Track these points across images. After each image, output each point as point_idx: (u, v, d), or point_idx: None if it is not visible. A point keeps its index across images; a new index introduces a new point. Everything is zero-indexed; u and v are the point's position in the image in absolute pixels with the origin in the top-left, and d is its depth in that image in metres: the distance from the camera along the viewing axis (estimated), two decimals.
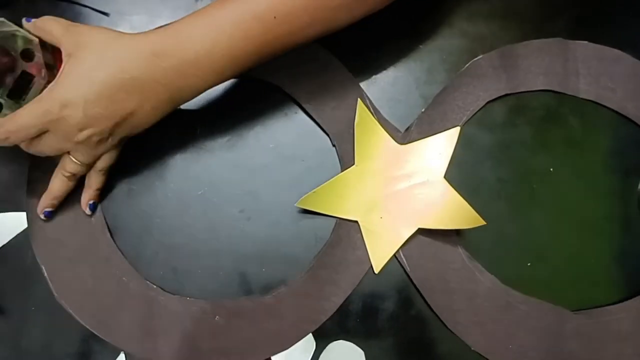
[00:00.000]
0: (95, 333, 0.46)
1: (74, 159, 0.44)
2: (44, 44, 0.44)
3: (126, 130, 0.44)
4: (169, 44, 0.41)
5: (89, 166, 0.46)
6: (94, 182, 0.47)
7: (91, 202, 0.47)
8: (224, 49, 0.41)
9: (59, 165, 0.46)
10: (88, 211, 0.47)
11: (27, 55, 0.44)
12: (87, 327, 0.46)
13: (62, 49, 0.42)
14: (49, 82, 0.44)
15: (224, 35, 0.41)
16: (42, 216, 0.47)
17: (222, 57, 0.41)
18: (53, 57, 0.45)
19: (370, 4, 0.44)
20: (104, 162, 0.46)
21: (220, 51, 0.41)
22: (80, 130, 0.42)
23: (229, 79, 0.44)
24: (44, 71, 0.44)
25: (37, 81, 0.44)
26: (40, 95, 0.41)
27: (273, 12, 0.41)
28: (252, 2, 0.41)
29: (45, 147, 0.43)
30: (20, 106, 0.43)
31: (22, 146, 0.43)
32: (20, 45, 0.43)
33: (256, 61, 0.43)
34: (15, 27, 0.43)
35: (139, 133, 0.45)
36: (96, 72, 0.41)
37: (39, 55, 0.44)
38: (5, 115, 0.43)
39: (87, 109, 0.41)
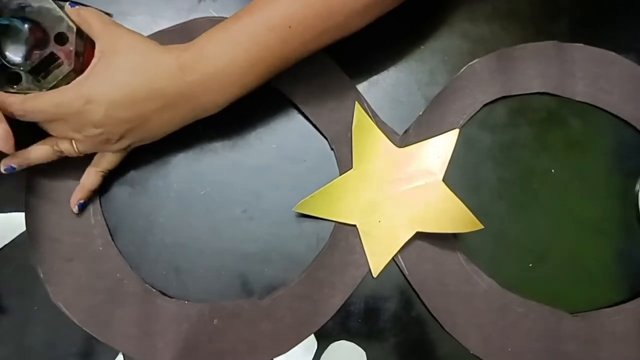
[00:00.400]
0: (92, 334, 0.46)
1: (74, 145, 0.45)
2: (80, 32, 0.44)
3: (137, 136, 0.44)
4: (192, 59, 0.42)
5: (82, 155, 0.46)
6: (90, 182, 0.47)
7: (82, 201, 0.47)
8: (242, 61, 0.42)
9: (54, 138, 0.45)
10: (76, 210, 0.47)
11: (61, 38, 0.44)
12: (84, 328, 0.46)
13: (96, 45, 0.43)
14: (73, 70, 0.44)
15: (241, 49, 0.42)
16: (2, 169, 0.45)
17: (241, 68, 0.42)
18: (85, 46, 0.45)
19: (383, 6, 0.45)
20: (106, 164, 0.46)
21: (238, 63, 0.42)
22: (94, 127, 0.42)
23: (250, 91, 0.44)
24: (72, 58, 0.44)
25: (62, 66, 0.44)
26: (67, 86, 0.42)
27: (287, 22, 0.42)
28: (266, 14, 0.42)
29: (52, 130, 0.44)
30: (38, 84, 0.44)
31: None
32: (57, 26, 0.44)
33: (275, 71, 0.44)
34: (57, 8, 0.44)
35: (148, 142, 0.46)
36: (125, 78, 0.42)
37: (71, 42, 0.44)
38: (22, 88, 0.43)
39: (109, 110, 0.42)
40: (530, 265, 0.49)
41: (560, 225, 0.50)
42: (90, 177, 0.47)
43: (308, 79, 0.50)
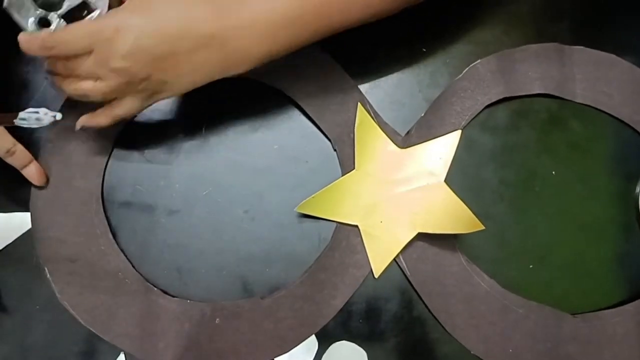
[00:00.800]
0: (96, 333, 0.46)
1: (97, 84, 0.43)
2: None
3: (162, 81, 0.43)
4: (231, 1, 0.42)
5: (100, 100, 0.44)
6: (99, 120, 0.45)
7: (85, 127, 0.46)
8: (280, 14, 0.42)
9: (76, 75, 0.43)
10: (78, 127, 0.46)
11: None
12: (89, 327, 0.46)
13: None
14: None
15: (280, 2, 0.42)
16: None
17: (277, 21, 0.42)
18: (119, 2, 0.45)
19: None
20: (123, 110, 0.45)
21: (275, 16, 0.42)
22: (122, 57, 0.41)
23: (280, 51, 0.44)
24: (105, 9, 0.44)
25: (94, 14, 0.44)
26: (98, 17, 0.43)
27: None
28: None
29: (77, 67, 0.42)
30: None
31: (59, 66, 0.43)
32: None
33: (309, 36, 0.44)
34: None
35: (172, 94, 0.45)
36: (160, 12, 0.41)
37: None
38: None
39: (139, 39, 0.40)
40: (531, 266, 0.49)
41: (561, 226, 0.50)
42: (101, 117, 0.45)
43: (311, 81, 0.51)
